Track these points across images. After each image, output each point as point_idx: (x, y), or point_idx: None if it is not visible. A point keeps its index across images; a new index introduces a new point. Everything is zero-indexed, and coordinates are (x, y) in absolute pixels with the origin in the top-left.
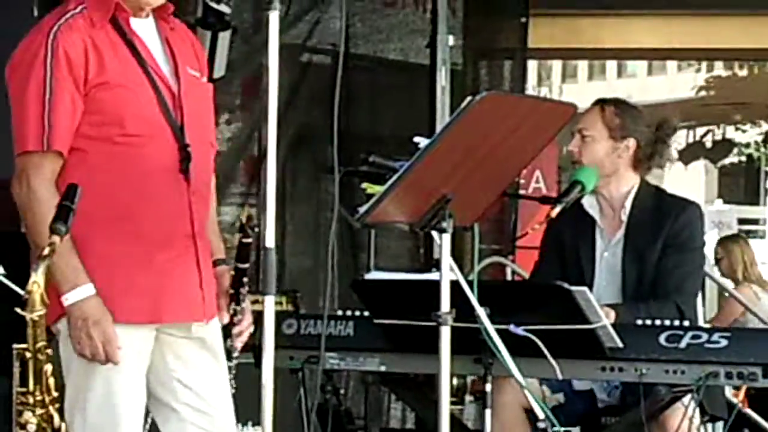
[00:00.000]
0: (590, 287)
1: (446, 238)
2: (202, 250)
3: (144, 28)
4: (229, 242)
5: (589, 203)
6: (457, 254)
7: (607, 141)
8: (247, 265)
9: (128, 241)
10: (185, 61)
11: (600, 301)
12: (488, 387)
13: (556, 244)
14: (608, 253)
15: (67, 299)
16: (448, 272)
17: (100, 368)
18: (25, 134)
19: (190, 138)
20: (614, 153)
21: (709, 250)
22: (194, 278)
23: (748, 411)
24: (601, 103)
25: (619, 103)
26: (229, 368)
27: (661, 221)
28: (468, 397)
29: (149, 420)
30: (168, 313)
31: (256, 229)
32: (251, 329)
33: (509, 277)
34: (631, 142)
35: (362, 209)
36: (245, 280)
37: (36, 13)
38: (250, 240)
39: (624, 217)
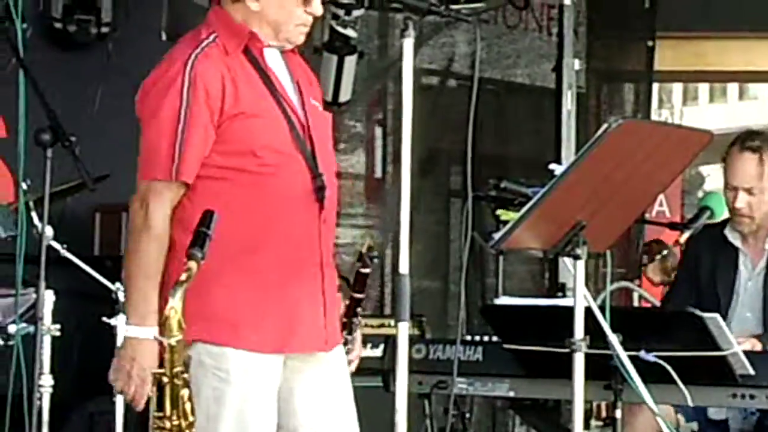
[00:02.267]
0: (725, 316)
1: (580, 264)
2: (329, 279)
3: (274, 58)
4: (345, 264)
5: (731, 233)
6: None
7: None
8: (363, 296)
9: (260, 270)
10: (308, 91)
11: (744, 330)
12: (618, 413)
13: (693, 271)
14: (752, 282)
15: (128, 330)
16: (582, 299)
17: (231, 396)
18: (154, 161)
19: (322, 167)
20: None
21: None
22: (319, 307)
23: None
24: (749, 150)
25: (765, 143)
26: None
27: None
28: (594, 422)
29: None
30: (297, 343)
31: (376, 260)
32: (359, 359)
33: (635, 302)
34: None
35: (497, 235)
36: (359, 310)
37: (164, 37)
38: (368, 270)
39: (767, 246)
